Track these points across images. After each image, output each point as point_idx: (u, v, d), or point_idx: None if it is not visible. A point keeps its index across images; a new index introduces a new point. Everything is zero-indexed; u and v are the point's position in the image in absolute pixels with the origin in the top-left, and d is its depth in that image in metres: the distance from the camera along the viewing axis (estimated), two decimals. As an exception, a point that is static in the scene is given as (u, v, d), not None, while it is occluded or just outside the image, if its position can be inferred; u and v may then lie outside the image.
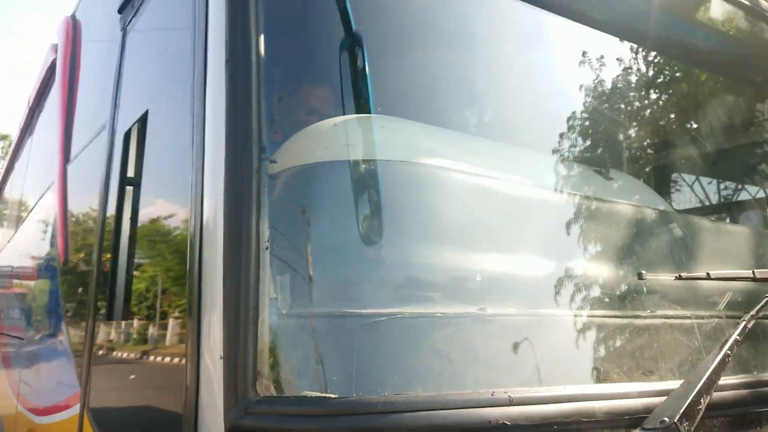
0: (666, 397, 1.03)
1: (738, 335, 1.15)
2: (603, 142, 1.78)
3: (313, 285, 1.09)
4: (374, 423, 0.92)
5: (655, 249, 1.39)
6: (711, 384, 1.04)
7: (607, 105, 1.82)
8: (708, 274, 1.28)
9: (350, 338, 1.04)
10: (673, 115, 2.03)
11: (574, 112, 1.70)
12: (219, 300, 1.03)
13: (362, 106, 1.33)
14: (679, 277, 1.27)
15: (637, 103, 1.90)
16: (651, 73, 1.84)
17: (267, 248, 1.04)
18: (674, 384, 1.06)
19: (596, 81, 1.75)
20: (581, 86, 1.73)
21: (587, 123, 1.75)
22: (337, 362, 1.04)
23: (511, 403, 0.96)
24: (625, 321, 1.22)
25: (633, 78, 1.83)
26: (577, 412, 1.00)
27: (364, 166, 1.22)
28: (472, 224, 1.22)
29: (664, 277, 1.29)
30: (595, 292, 1.25)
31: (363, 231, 1.14)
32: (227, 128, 1.10)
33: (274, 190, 1.12)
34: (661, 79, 1.89)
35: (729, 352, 1.11)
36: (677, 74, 1.95)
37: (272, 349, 1.02)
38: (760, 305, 1.22)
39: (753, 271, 1.32)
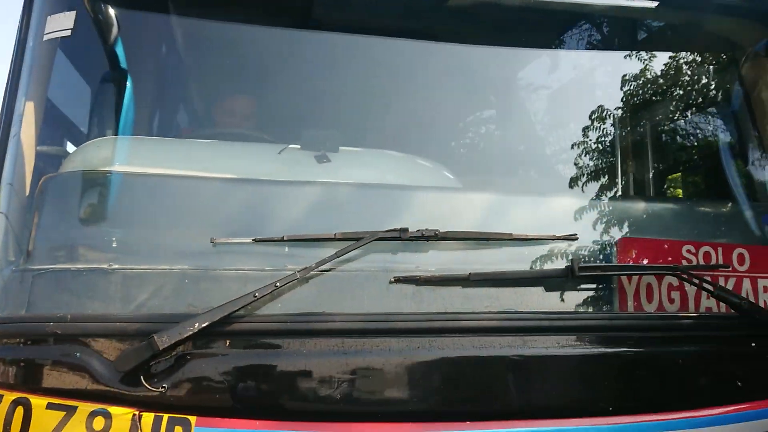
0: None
1: (278, 283, 1.48)
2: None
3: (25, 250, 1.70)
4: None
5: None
6: (212, 316, 1.43)
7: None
8: (283, 237, 1.59)
9: (28, 284, 1.62)
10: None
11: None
12: None
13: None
14: (255, 240, 1.60)
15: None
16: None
17: None
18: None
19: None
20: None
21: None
22: (21, 297, 1.63)
23: (70, 320, 1.47)
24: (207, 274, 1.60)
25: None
26: (124, 329, 1.47)
27: (87, 175, 1.80)
28: (132, 213, 1.73)
29: (238, 241, 1.62)
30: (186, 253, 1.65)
31: (60, 217, 1.73)
32: None
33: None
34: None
35: (256, 295, 1.46)
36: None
37: None
38: (322, 260, 1.52)
39: (335, 234, 1.59)
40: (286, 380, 1.50)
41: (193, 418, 1.43)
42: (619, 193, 2.26)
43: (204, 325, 1.42)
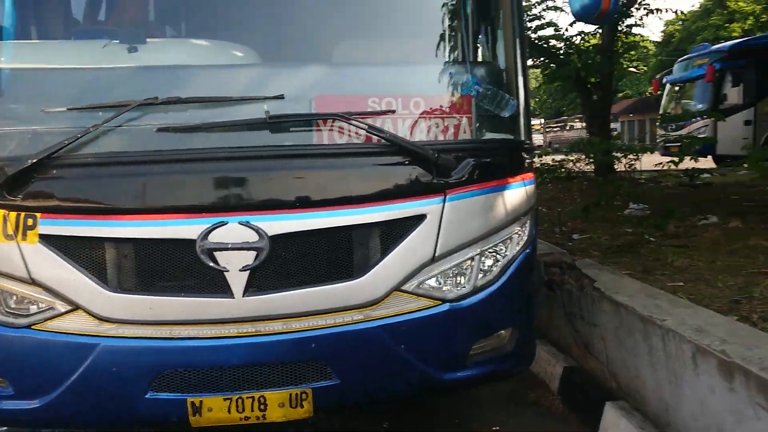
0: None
1: (78, 134, 2.46)
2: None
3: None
4: None
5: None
6: (38, 156, 2.42)
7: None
8: (83, 107, 2.55)
9: None
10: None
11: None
12: None
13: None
14: (69, 109, 2.55)
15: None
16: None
17: None
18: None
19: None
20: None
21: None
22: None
23: None
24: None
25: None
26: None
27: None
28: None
29: (57, 109, 2.58)
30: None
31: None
32: None
33: None
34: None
35: (65, 142, 2.45)
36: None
37: None
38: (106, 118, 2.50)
39: (114, 102, 2.53)
40: (84, 189, 2.54)
41: (38, 214, 2.50)
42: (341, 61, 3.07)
43: (33, 160, 2.43)
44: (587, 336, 3.88)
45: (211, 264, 2.49)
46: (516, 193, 2.87)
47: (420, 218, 2.66)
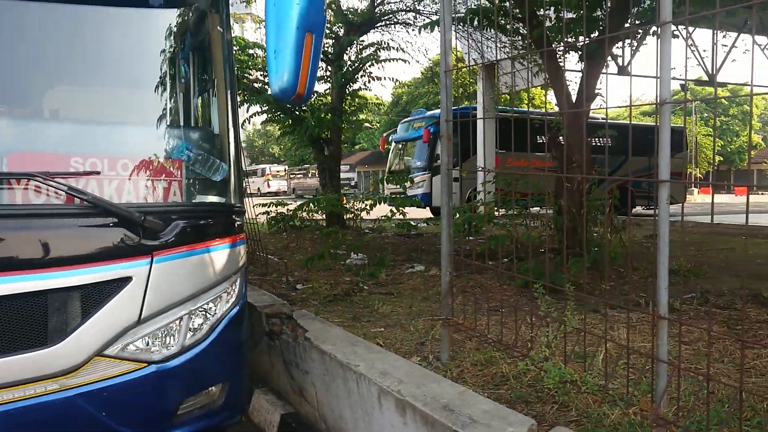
0: None
1: None
2: None
3: None
4: None
5: None
6: None
7: None
8: None
9: None
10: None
11: None
12: None
13: None
14: None
15: None
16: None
17: None
18: None
19: None
20: None
21: None
22: None
23: None
24: None
25: None
26: None
27: None
28: None
29: None
30: None
31: None
32: None
33: None
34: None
35: None
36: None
37: None
38: None
39: None
40: None
41: None
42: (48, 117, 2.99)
43: None
44: (301, 382, 4.14)
45: None
46: (226, 253, 3.03)
47: (125, 280, 2.65)
